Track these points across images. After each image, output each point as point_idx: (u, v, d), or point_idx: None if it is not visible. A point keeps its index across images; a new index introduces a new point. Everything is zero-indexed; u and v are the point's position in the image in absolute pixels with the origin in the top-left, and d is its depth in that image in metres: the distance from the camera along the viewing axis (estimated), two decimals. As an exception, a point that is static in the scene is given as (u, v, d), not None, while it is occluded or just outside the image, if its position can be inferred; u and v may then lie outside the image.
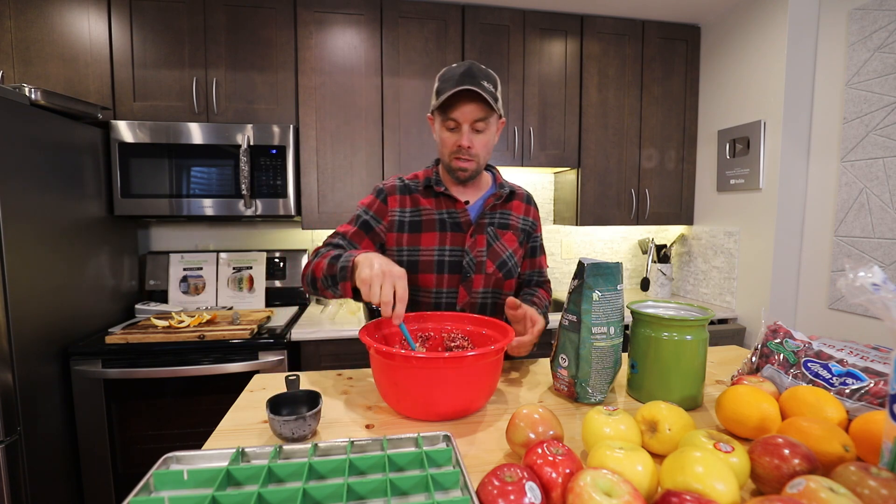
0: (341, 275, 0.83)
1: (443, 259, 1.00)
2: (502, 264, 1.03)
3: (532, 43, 2.06)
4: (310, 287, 0.94)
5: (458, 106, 0.90)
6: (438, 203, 1.02)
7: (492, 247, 1.02)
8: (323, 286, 0.89)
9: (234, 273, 2.03)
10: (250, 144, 1.78)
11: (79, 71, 1.73)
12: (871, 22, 1.62)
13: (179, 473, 0.51)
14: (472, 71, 0.89)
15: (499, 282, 1.04)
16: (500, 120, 0.98)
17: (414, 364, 0.68)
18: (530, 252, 1.12)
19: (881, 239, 1.60)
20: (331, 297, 0.90)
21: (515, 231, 1.06)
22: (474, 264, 1.01)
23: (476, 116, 0.91)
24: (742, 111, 2.02)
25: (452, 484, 0.52)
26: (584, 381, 0.78)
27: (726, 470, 0.45)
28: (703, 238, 2.27)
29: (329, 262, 0.87)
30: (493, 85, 0.91)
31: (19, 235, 1.30)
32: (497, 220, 1.04)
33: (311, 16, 1.87)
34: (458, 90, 0.87)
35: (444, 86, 0.90)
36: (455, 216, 1.01)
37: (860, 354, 0.70)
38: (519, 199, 1.09)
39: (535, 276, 1.14)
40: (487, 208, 1.02)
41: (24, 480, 1.30)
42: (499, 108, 0.93)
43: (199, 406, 1.59)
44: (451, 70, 0.91)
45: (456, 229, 1.01)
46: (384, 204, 1.02)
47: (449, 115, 0.92)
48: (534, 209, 1.12)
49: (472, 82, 0.87)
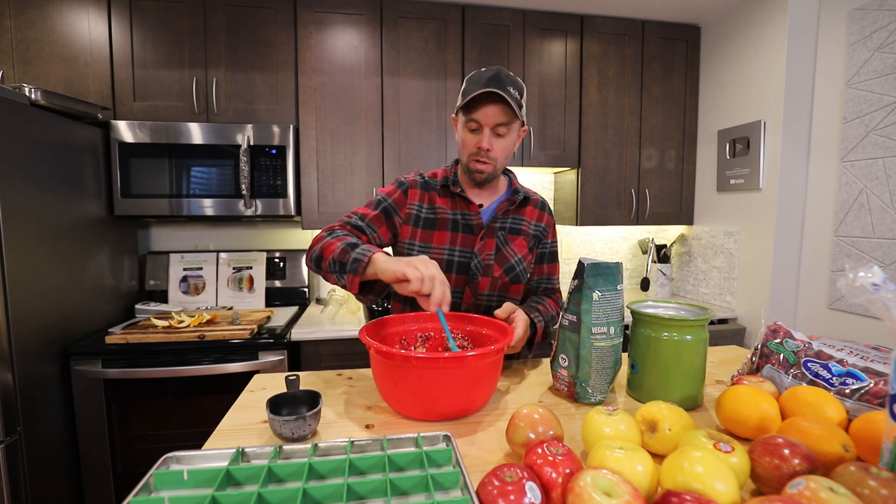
0: (352, 267, 0.82)
1: (452, 259, 1.01)
2: (510, 269, 1.03)
3: (532, 43, 2.06)
4: (313, 264, 0.92)
5: (481, 107, 0.91)
6: (454, 204, 1.03)
7: (501, 251, 1.03)
8: (328, 269, 0.87)
9: (234, 273, 2.03)
10: (250, 144, 1.78)
11: (79, 71, 1.73)
12: (871, 22, 1.62)
13: (179, 473, 0.51)
14: (499, 76, 0.90)
15: (505, 286, 1.04)
16: (522, 127, 0.99)
17: (414, 364, 0.68)
18: (539, 258, 1.11)
19: (881, 239, 1.60)
20: (332, 282, 0.88)
21: (526, 237, 1.06)
22: (482, 267, 1.01)
23: (498, 120, 0.91)
24: (742, 111, 2.02)
25: (452, 484, 0.52)
26: (584, 381, 0.78)
27: (726, 470, 0.45)
28: (703, 238, 2.27)
29: (342, 248, 0.85)
30: (518, 92, 0.92)
31: (19, 235, 1.30)
32: (509, 224, 1.05)
33: (311, 16, 1.87)
34: (483, 91, 0.88)
35: (471, 87, 0.91)
36: (468, 218, 1.02)
37: (860, 354, 0.70)
38: (533, 205, 1.09)
39: (544, 282, 1.13)
40: (500, 213, 1.03)
41: (24, 480, 1.30)
42: (522, 115, 0.93)
43: (199, 406, 1.59)
44: (480, 73, 0.92)
45: (467, 231, 1.02)
46: (405, 196, 1.02)
47: (472, 116, 0.92)
48: (548, 215, 1.11)
49: (499, 86, 0.88)
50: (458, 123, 0.98)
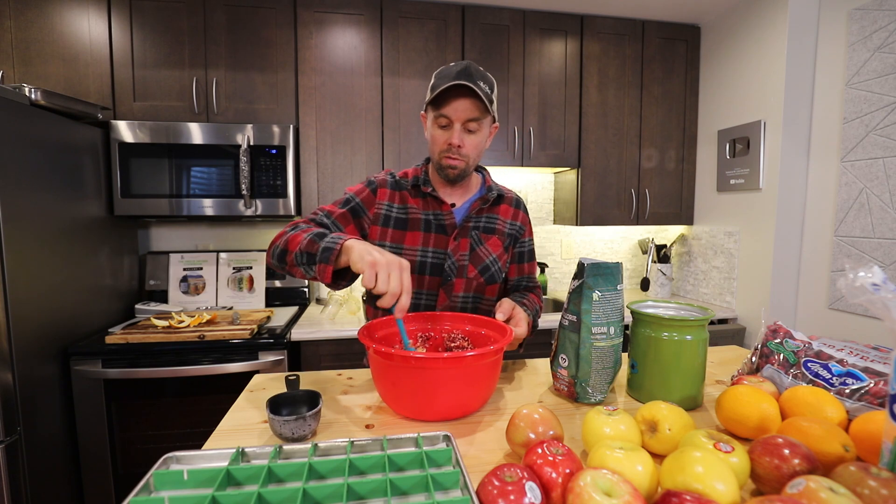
0: (323, 255, 0.77)
1: (425, 260, 0.98)
2: (484, 269, 1.01)
3: (532, 43, 2.06)
4: (275, 260, 0.87)
5: (451, 102, 0.88)
6: (425, 203, 1.00)
7: (475, 251, 1.00)
8: (294, 262, 0.82)
9: (234, 273, 2.03)
10: (250, 144, 1.78)
11: (79, 71, 1.73)
12: (871, 22, 1.62)
13: (179, 473, 0.51)
14: (469, 70, 0.87)
15: (480, 286, 1.02)
16: (493, 124, 0.96)
17: (413, 364, 0.68)
18: (517, 257, 1.09)
19: (881, 239, 1.60)
20: (299, 276, 0.85)
21: (501, 236, 1.04)
22: (456, 268, 0.99)
23: (469, 115, 0.88)
24: (742, 111, 2.02)
25: (452, 484, 0.52)
26: (584, 381, 0.78)
27: (726, 470, 0.45)
28: (703, 238, 2.27)
29: (310, 239, 0.81)
30: (489, 87, 0.89)
31: (19, 235, 1.30)
32: (483, 224, 1.02)
33: (311, 16, 1.87)
34: (452, 84, 0.85)
35: (440, 82, 0.88)
36: (440, 218, 0.99)
37: (860, 354, 0.70)
38: (507, 203, 1.06)
39: (525, 281, 1.12)
40: (473, 212, 1.00)
41: (24, 480, 1.30)
42: (493, 110, 0.91)
43: (199, 406, 1.59)
44: (448, 68, 0.89)
45: (440, 231, 0.99)
46: (373, 195, 0.99)
47: (441, 112, 0.89)
48: (523, 213, 1.09)
49: (468, 80, 0.85)
50: (428, 120, 0.95)
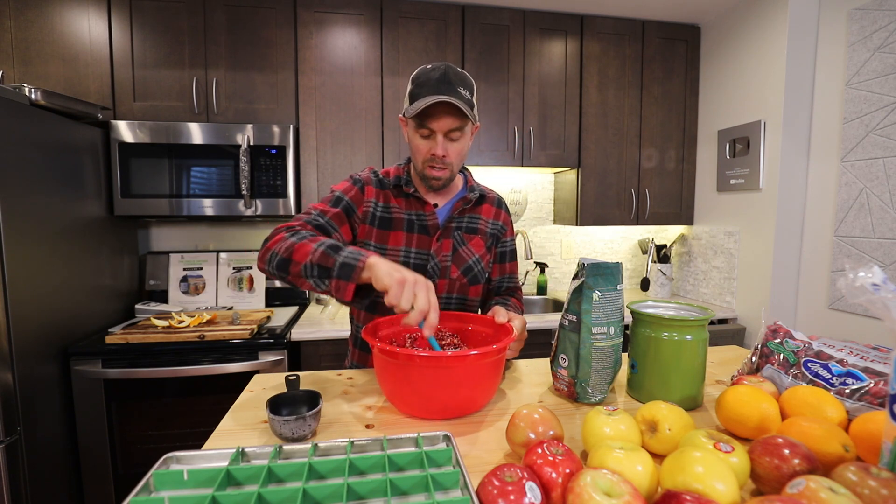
0: (343, 272, 0.72)
1: (408, 261, 0.97)
2: (468, 269, 1.01)
3: (532, 43, 2.06)
4: (272, 268, 0.81)
5: (434, 116, 0.86)
6: (408, 203, 0.99)
7: (458, 251, 1.00)
8: (303, 273, 0.76)
9: (234, 273, 2.03)
10: (250, 144, 1.78)
11: (79, 71, 1.73)
12: (871, 22, 1.62)
13: (179, 473, 0.51)
14: (448, 77, 0.84)
15: (463, 287, 1.02)
16: (474, 126, 0.95)
17: (417, 363, 0.68)
18: (499, 257, 1.09)
19: (881, 239, 1.60)
20: (306, 288, 0.78)
21: (483, 236, 1.04)
22: (439, 269, 0.99)
23: (452, 126, 0.87)
24: (742, 111, 2.02)
25: (452, 484, 0.52)
26: (584, 381, 0.78)
27: (726, 470, 0.45)
28: (703, 238, 2.27)
29: (322, 251, 0.75)
30: (469, 91, 0.87)
31: (19, 235, 1.30)
32: (465, 224, 1.02)
33: (311, 16, 1.87)
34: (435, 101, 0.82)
35: (420, 91, 0.85)
36: (423, 218, 0.99)
37: (860, 354, 0.70)
38: (489, 202, 1.06)
39: (506, 281, 1.12)
40: (456, 212, 1.00)
41: (24, 480, 1.30)
42: (474, 115, 0.89)
43: (199, 406, 1.59)
44: (426, 73, 0.86)
45: (423, 232, 0.98)
46: (361, 193, 0.98)
47: (424, 124, 0.87)
48: (504, 213, 1.09)
49: (450, 90, 0.83)
50: (408, 127, 0.92)
